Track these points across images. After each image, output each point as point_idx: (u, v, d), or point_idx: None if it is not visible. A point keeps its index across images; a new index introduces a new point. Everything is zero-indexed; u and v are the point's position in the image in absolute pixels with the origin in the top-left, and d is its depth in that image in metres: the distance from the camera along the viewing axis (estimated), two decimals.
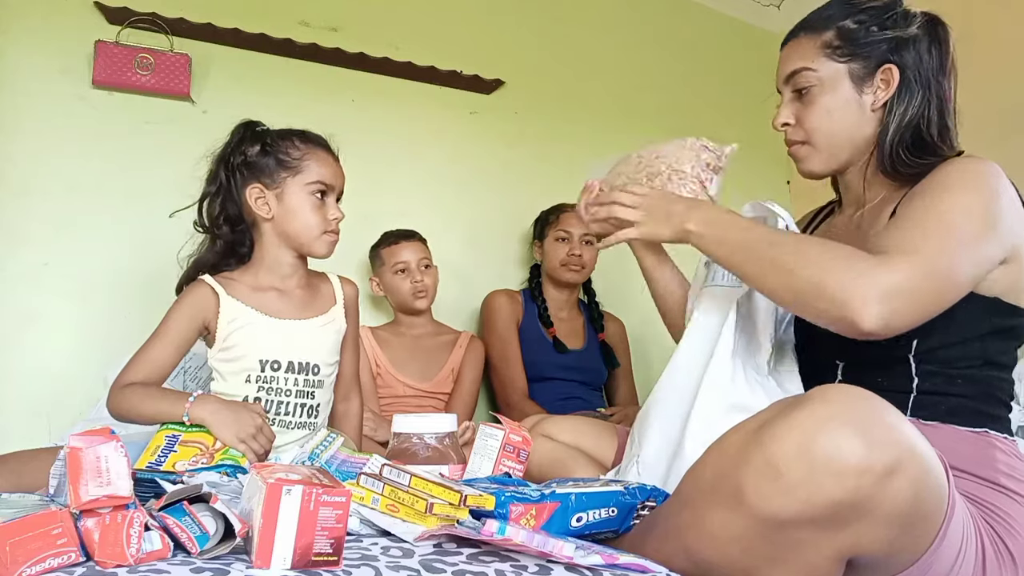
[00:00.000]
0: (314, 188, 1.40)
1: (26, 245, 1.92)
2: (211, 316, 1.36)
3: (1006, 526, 0.92)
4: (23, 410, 1.87)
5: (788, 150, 1.21)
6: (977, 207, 0.98)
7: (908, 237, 0.97)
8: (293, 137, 1.43)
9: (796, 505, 0.75)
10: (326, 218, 1.41)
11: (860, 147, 1.14)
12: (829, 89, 1.13)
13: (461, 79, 2.42)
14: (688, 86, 2.78)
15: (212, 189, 1.43)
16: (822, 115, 1.14)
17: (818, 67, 1.13)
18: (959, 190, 1.00)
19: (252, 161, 1.41)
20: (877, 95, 1.11)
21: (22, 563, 0.66)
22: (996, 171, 1.02)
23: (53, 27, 1.98)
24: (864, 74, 1.11)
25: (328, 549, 0.72)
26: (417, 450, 1.11)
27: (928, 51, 1.10)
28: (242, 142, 1.42)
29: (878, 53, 1.10)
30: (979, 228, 0.98)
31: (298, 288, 1.45)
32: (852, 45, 1.11)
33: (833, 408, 0.77)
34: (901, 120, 1.09)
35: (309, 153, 1.42)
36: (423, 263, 2.12)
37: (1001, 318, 1.03)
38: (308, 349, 1.41)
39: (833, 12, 1.14)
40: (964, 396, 1.02)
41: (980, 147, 1.08)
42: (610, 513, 0.95)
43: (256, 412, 1.27)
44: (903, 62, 1.09)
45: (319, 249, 1.43)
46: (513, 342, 2.22)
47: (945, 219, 0.97)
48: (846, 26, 1.12)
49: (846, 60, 1.12)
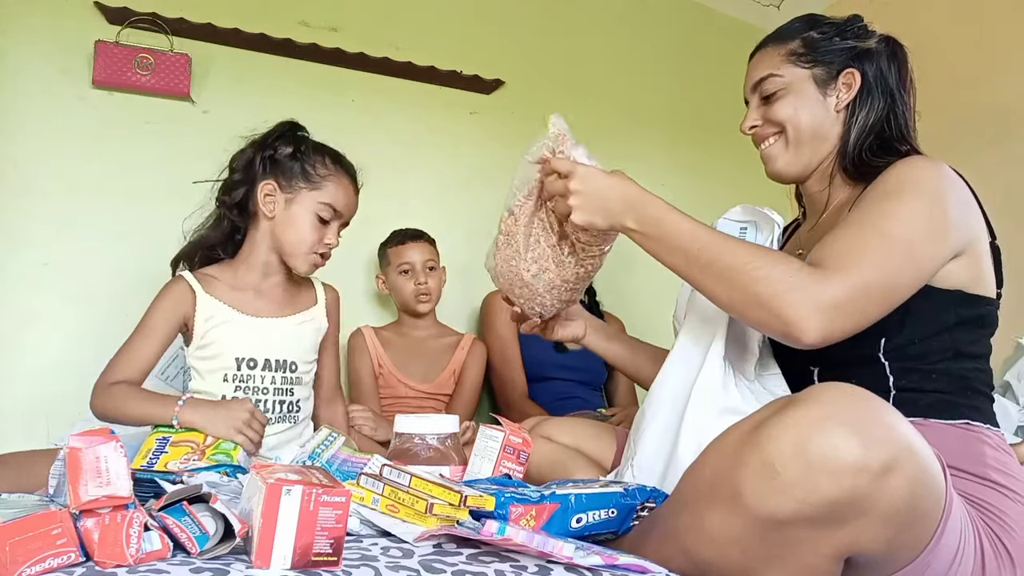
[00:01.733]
0: (323, 209, 1.42)
1: (26, 245, 1.93)
2: (189, 313, 1.38)
3: (1002, 524, 0.92)
4: (22, 410, 1.87)
5: (760, 153, 1.25)
6: (918, 212, 1.00)
7: (846, 250, 0.98)
8: (326, 155, 1.45)
9: (793, 504, 0.75)
10: (321, 240, 1.42)
11: (821, 146, 1.18)
12: (794, 92, 1.18)
13: (461, 79, 2.42)
14: (688, 86, 2.78)
15: (239, 174, 1.45)
16: (788, 110, 1.18)
17: (783, 72, 1.19)
18: (899, 197, 1.02)
19: (279, 160, 1.43)
20: (840, 97, 1.16)
21: (22, 563, 0.66)
22: (940, 172, 1.04)
23: (53, 27, 1.98)
24: (827, 77, 1.17)
25: (328, 549, 0.72)
26: (419, 451, 1.11)
27: (888, 65, 1.16)
28: (279, 138, 1.44)
29: (840, 59, 1.17)
30: (919, 233, 0.99)
31: (278, 287, 1.47)
32: (815, 52, 1.17)
33: (829, 407, 0.77)
34: (865, 123, 1.14)
35: (335, 175, 1.44)
36: (428, 265, 2.12)
37: (967, 308, 1.04)
38: (285, 347, 1.42)
39: (797, 25, 1.21)
40: (941, 391, 1.03)
41: (980, 146, 1.09)
42: (610, 514, 0.95)
43: (242, 402, 1.29)
44: (864, 68, 1.15)
45: (300, 265, 1.45)
46: (513, 342, 2.22)
47: (883, 229, 0.99)
48: (810, 36, 1.18)
49: (810, 66, 1.17)
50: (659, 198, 1.08)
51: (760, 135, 1.23)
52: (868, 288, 0.96)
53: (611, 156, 2.83)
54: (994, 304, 1.08)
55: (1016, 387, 1.61)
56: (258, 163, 1.43)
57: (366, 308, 2.28)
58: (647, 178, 3.18)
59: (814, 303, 0.94)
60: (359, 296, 2.26)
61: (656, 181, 2.70)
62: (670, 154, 2.73)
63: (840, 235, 1.01)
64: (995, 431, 1.03)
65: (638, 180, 1.11)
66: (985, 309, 1.06)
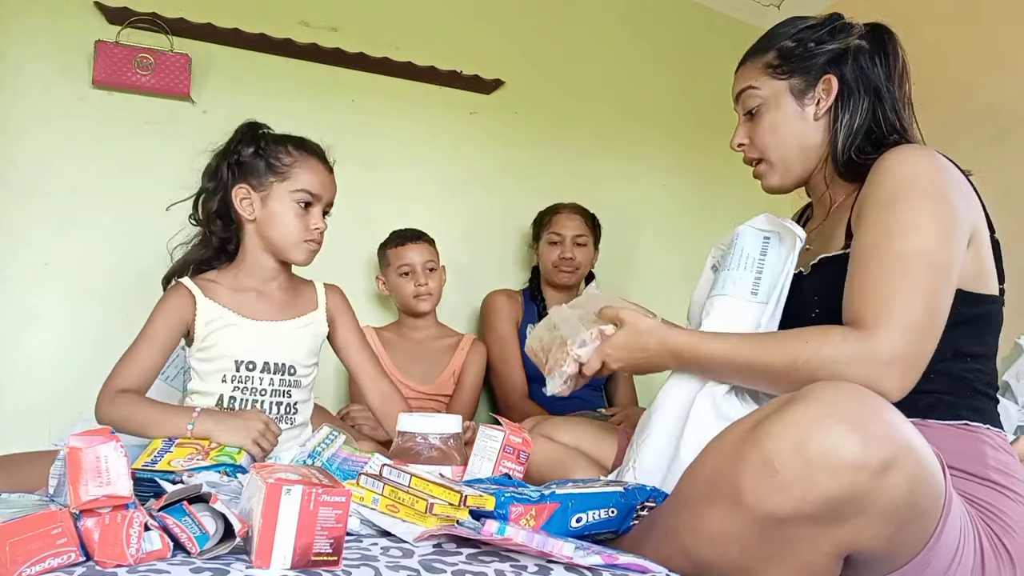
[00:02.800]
0: (299, 196, 1.40)
1: (26, 245, 1.93)
2: (189, 319, 1.38)
3: (1002, 524, 0.92)
4: (23, 410, 1.88)
5: (752, 171, 1.26)
6: (924, 215, 0.99)
7: (876, 297, 0.97)
8: (288, 143, 1.43)
9: (792, 502, 0.75)
10: (307, 227, 1.41)
11: (811, 156, 1.18)
12: (772, 106, 1.18)
13: (461, 79, 2.42)
14: (688, 86, 2.78)
15: (210, 185, 1.44)
16: (768, 132, 1.19)
17: (760, 86, 1.19)
18: (900, 204, 1.00)
19: (244, 161, 1.41)
20: (819, 105, 1.16)
21: (22, 563, 0.66)
22: (934, 163, 1.03)
23: (53, 27, 1.98)
24: (804, 87, 1.17)
25: (328, 549, 0.72)
26: (421, 450, 1.11)
27: (872, 60, 1.15)
28: (240, 141, 1.43)
29: (816, 67, 1.16)
30: (933, 238, 0.98)
31: (278, 291, 1.46)
32: (791, 63, 1.17)
33: (828, 405, 0.77)
34: (850, 127, 1.13)
35: (300, 160, 1.42)
36: (428, 266, 2.12)
37: (968, 307, 1.02)
38: (284, 350, 1.42)
39: (775, 33, 1.21)
40: (940, 392, 1.02)
41: (980, 146, 1.09)
42: (610, 514, 0.95)
43: (256, 413, 1.29)
44: (842, 72, 1.15)
45: (297, 256, 1.43)
46: (513, 342, 2.22)
47: (898, 250, 0.98)
48: (785, 46, 1.18)
49: (786, 77, 1.17)
50: (680, 329, 1.14)
51: (747, 157, 1.24)
52: (915, 325, 0.95)
53: (611, 156, 2.84)
54: (998, 301, 1.07)
55: (1015, 387, 1.61)
56: (225, 170, 1.42)
57: (366, 308, 2.28)
58: (647, 178, 3.20)
59: (876, 367, 0.93)
60: (359, 296, 2.26)
61: (656, 182, 2.74)
62: (670, 154, 2.73)
63: (862, 278, 1.00)
64: (996, 431, 1.02)
65: (638, 180, 1.12)
66: (987, 307, 1.05)
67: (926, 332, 0.96)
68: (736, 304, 1.15)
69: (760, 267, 1.14)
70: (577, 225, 2.30)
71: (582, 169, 2.60)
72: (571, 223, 2.30)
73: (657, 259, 2.64)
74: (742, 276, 1.15)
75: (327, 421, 1.48)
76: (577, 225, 2.30)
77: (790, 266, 1.12)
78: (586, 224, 2.32)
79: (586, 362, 1.16)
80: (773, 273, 1.13)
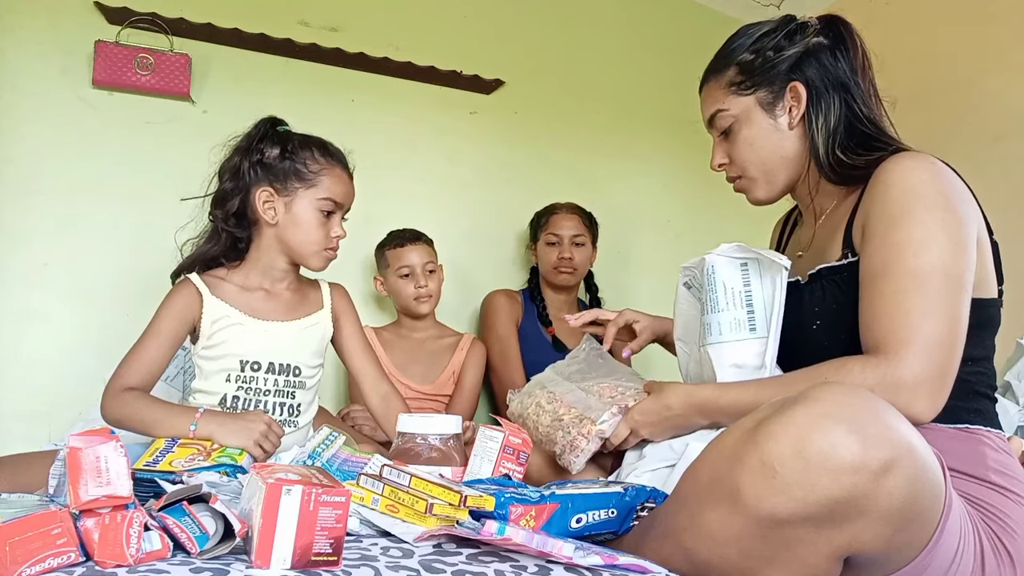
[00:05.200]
0: (324, 204, 1.39)
1: (26, 245, 1.93)
2: (196, 316, 1.37)
3: (1003, 525, 0.92)
4: (23, 410, 1.88)
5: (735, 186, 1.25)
6: (933, 228, 0.98)
7: (894, 322, 0.96)
8: (314, 148, 1.41)
9: (792, 504, 0.75)
10: (328, 235, 1.41)
11: (793, 165, 1.17)
12: (745, 123, 1.17)
13: (461, 79, 2.42)
14: (688, 86, 2.76)
15: (229, 184, 1.40)
16: (745, 148, 1.18)
17: (729, 106, 1.17)
18: (908, 218, 0.98)
19: (269, 163, 1.39)
20: (791, 113, 1.14)
21: (22, 563, 0.66)
22: (935, 171, 1.02)
23: (53, 27, 1.98)
24: (772, 99, 1.15)
25: (328, 549, 0.72)
26: (421, 450, 1.11)
27: (834, 56, 1.13)
28: (263, 140, 1.40)
29: (780, 75, 1.14)
30: (945, 252, 0.97)
31: (287, 291, 1.45)
32: (753, 76, 1.15)
33: (828, 406, 0.77)
34: (828, 128, 1.11)
35: (327, 168, 1.40)
36: (428, 267, 2.12)
37: (971, 313, 1.01)
38: (290, 351, 1.41)
39: (732, 47, 1.18)
40: None
41: (980, 146, 1.09)
42: (609, 514, 0.95)
43: (259, 414, 1.28)
44: (807, 75, 1.13)
45: (315, 263, 1.43)
46: (512, 342, 2.22)
47: (910, 268, 0.97)
48: (744, 59, 1.16)
49: (751, 91, 1.16)
50: (702, 385, 1.14)
51: (729, 175, 1.24)
52: (938, 342, 0.94)
53: (611, 156, 2.83)
54: (997, 304, 1.06)
55: (1016, 387, 1.61)
56: (247, 169, 1.39)
57: (366, 308, 2.28)
58: (648, 179, 3.20)
59: (902, 392, 0.93)
60: (359, 296, 2.25)
61: (657, 182, 2.74)
62: (670, 155, 2.73)
63: (878, 302, 0.98)
64: (996, 433, 1.02)
65: (638, 180, 1.12)
66: (988, 312, 1.04)
67: (950, 348, 0.95)
68: (739, 346, 1.13)
69: (749, 300, 1.11)
70: (575, 225, 2.30)
71: (582, 169, 2.60)
72: (568, 223, 2.30)
73: (657, 259, 2.65)
74: (735, 316, 1.11)
75: (327, 422, 1.48)
76: (575, 225, 2.30)
77: (780, 295, 1.09)
78: (583, 224, 2.32)
79: (610, 435, 1.17)
80: (764, 303, 1.10)
